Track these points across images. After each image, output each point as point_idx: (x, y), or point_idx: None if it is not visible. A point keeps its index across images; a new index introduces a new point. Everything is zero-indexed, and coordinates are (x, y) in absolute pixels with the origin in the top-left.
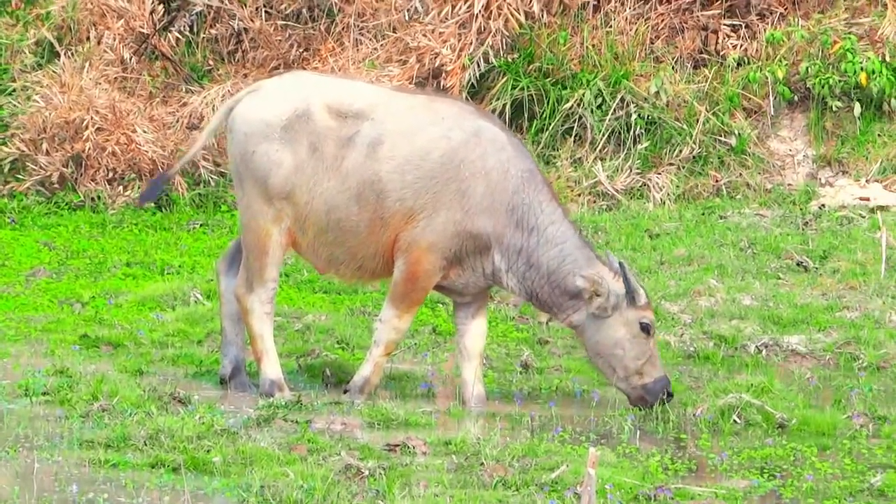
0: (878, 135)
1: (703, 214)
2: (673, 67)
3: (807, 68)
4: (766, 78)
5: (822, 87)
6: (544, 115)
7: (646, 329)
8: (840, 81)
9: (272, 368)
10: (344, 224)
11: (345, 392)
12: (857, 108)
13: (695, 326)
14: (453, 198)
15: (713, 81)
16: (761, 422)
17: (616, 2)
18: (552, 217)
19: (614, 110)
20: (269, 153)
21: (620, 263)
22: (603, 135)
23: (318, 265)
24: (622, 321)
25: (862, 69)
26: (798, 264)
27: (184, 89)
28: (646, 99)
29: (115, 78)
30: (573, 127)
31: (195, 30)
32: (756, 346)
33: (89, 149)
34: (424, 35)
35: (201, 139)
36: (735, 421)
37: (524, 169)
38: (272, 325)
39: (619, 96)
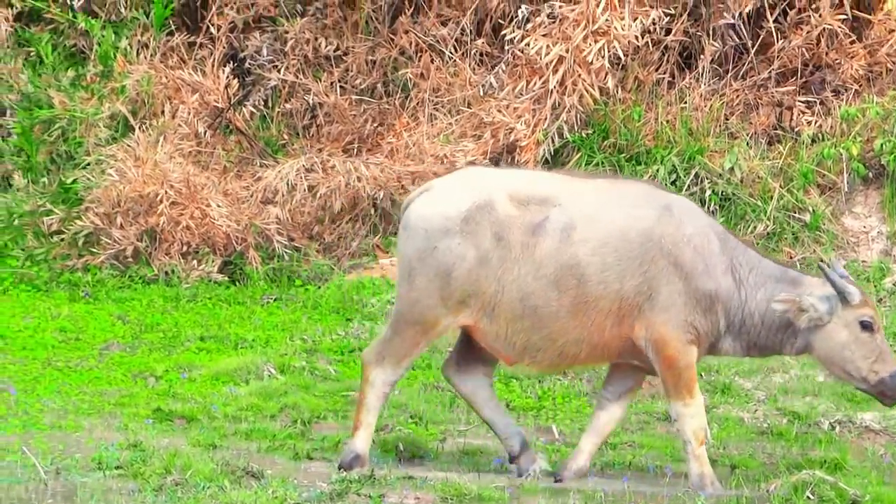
0: None
1: None
2: (747, 143)
3: (881, 145)
4: (841, 154)
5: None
6: None
7: (867, 327)
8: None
9: (363, 444)
10: (542, 310)
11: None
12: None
13: (769, 402)
14: (667, 272)
15: (787, 158)
16: (835, 498)
17: (691, 78)
18: (750, 264)
19: (688, 186)
20: (451, 248)
21: (820, 266)
22: None
23: (510, 354)
24: (842, 324)
25: None
26: None
27: (258, 163)
28: (720, 175)
29: (190, 152)
30: None
31: (270, 104)
32: (830, 423)
33: (163, 223)
34: (499, 110)
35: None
36: (808, 497)
37: (719, 231)
38: (382, 406)
39: (693, 172)
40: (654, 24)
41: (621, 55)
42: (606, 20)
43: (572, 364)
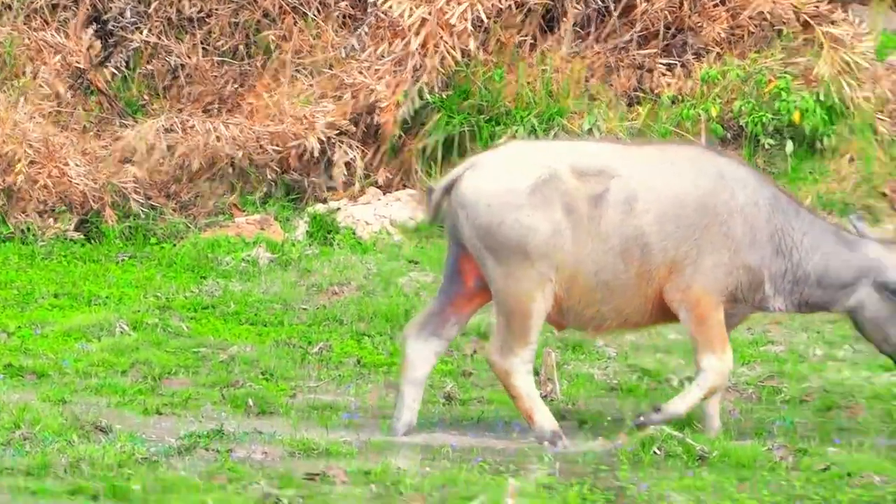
0: (810, 172)
1: None
2: (607, 105)
3: (740, 107)
4: (700, 115)
5: (755, 125)
6: (478, 152)
7: None
8: (773, 119)
9: (549, 420)
10: (612, 283)
11: (639, 416)
12: (790, 146)
13: (619, 359)
14: (716, 241)
15: (647, 119)
16: (682, 454)
17: (553, 40)
18: (804, 228)
19: None
20: (520, 220)
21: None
22: None
23: (576, 323)
24: None
25: (796, 107)
26: None
27: (118, 123)
28: (579, 136)
29: (50, 112)
30: None
31: (131, 65)
32: (679, 380)
33: (21, 181)
34: (360, 72)
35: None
36: (656, 453)
37: (769, 196)
38: (535, 382)
39: (552, 133)
40: None
41: (484, 18)
42: None
43: (632, 328)
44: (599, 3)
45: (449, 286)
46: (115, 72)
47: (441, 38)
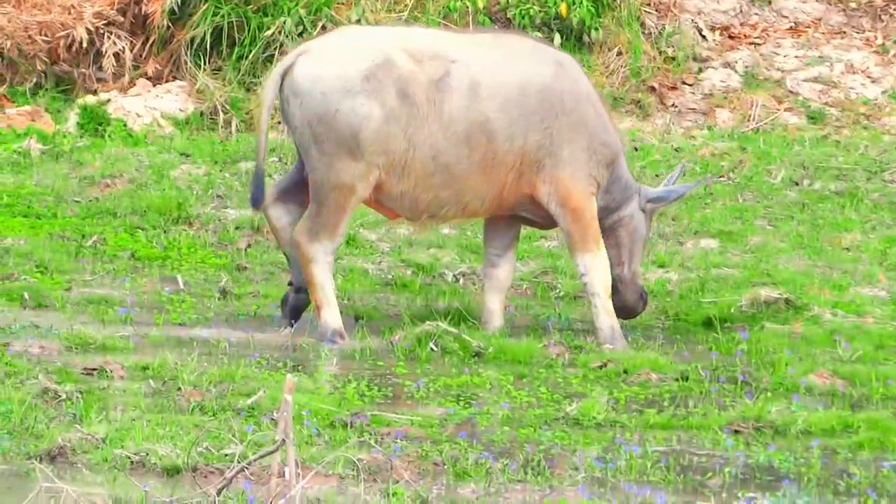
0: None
1: None
2: None
3: None
4: (467, 7)
5: (523, 18)
6: (245, 43)
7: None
8: (540, 12)
9: (334, 317)
10: (454, 168)
11: (608, 349)
12: (558, 39)
13: (393, 254)
14: (571, 129)
15: (414, 11)
16: (458, 350)
17: None
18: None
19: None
20: (354, 108)
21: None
22: None
23: (410, 211)
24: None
25: (562, 0)
26: None
27: None
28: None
29: None
30: (274, 55)
31: None
32: (454, 275)
33: None
34: None
35: (265, 117)
36: (432, 349)
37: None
38: (332, 275)
39: (319, 24)
40: None
41: None
42: None
43: (469, 218)
44: None
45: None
46: None
47: None
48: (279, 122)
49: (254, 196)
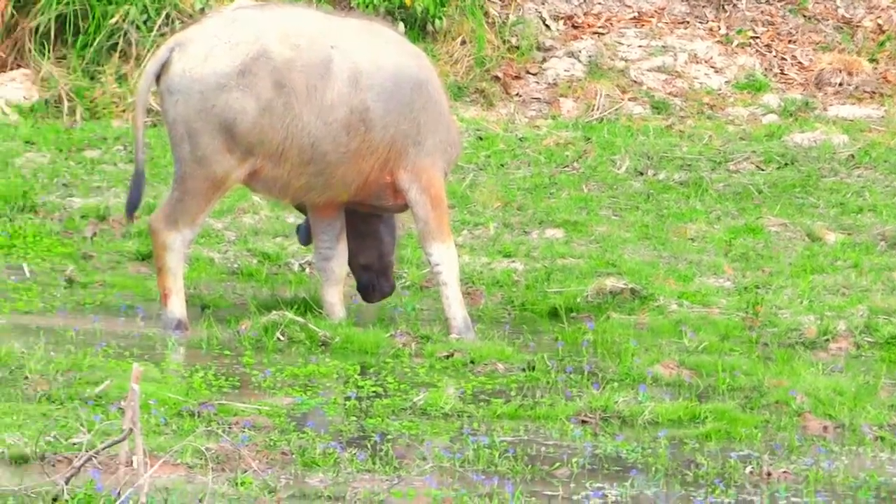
0: None
1: None
2: None
3: None
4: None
5: (367, 7)
6: (90, 31)
7: None
8: (384, 1)
9: (180, 308)
10: (331, 156)
11: (456, 339)
12: (402, 28)
13: (239, 243)
14: (434, 120)
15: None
16: (305, 339)
17: None
18: None
19: (159, 27)
20: (230, 103)
21: None
22: (148, 50)
23: (280, 193)
24: None
25: None
26: None
27: None
28: (191, 16)
29: None
30: (118, 43)
31: None
32: (300, 264)
33: None
34: None
35: (140, 114)
36: (279, 338)
37: None
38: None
39: (164, 13)
40: None
41: None
42: None
43: (329, 202)
44: None
45: None
46: None
47: None
48: (123, 111)
49: (132, 199)
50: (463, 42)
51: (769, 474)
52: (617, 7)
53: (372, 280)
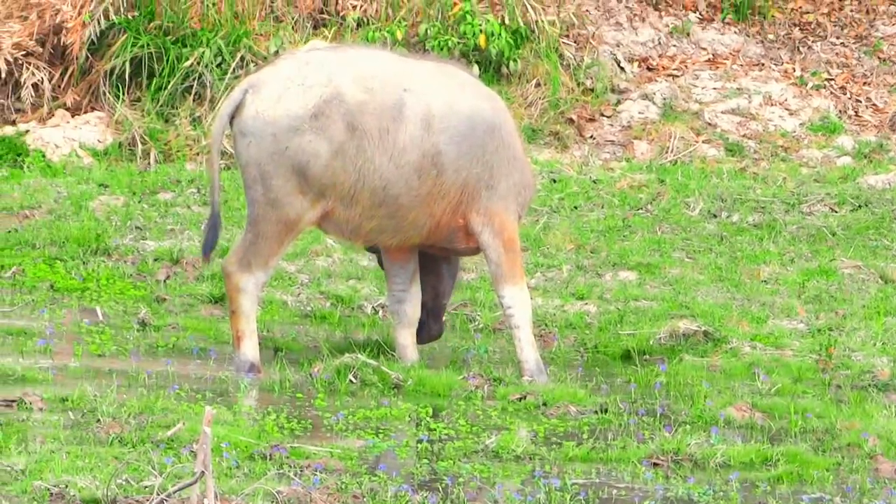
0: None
1: None
2: (293, 27)
3: (426, 30)
4: (385, 38)
5: (442, 49)
6: (164, 74)
7: None
8: (459, 43)
9: (254, 351)
10: (403, 199)
11: (529, 382)
12: (476, 70)
13: (312, 286)
14: (507, 163)
15: (333, 41)
16: (377, 382)
17: None
18: None
19: (234, 69)
20: (302, 146)
21: None
22: (222, 93)
23: (351, 235)
24: None
25: (481, 31)
26: None
27: None
28: (266, 58)
29: None
30: (193, 85)
31: None
32: (373, 307)
33: None
34: None
35: (214, 156)
36: (351, 381)
37: None
38: (257, 310)
39: (239, 55)
40: None
41: None
42: None
43: (402, 245)
44: None
45: None
46: None
47: None
48: (197, 154)
49: (208, 241)
50: (537, 84)
51: None
52: (692, 49)
53: (422, 318)
